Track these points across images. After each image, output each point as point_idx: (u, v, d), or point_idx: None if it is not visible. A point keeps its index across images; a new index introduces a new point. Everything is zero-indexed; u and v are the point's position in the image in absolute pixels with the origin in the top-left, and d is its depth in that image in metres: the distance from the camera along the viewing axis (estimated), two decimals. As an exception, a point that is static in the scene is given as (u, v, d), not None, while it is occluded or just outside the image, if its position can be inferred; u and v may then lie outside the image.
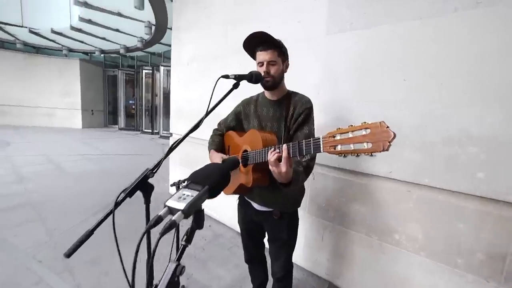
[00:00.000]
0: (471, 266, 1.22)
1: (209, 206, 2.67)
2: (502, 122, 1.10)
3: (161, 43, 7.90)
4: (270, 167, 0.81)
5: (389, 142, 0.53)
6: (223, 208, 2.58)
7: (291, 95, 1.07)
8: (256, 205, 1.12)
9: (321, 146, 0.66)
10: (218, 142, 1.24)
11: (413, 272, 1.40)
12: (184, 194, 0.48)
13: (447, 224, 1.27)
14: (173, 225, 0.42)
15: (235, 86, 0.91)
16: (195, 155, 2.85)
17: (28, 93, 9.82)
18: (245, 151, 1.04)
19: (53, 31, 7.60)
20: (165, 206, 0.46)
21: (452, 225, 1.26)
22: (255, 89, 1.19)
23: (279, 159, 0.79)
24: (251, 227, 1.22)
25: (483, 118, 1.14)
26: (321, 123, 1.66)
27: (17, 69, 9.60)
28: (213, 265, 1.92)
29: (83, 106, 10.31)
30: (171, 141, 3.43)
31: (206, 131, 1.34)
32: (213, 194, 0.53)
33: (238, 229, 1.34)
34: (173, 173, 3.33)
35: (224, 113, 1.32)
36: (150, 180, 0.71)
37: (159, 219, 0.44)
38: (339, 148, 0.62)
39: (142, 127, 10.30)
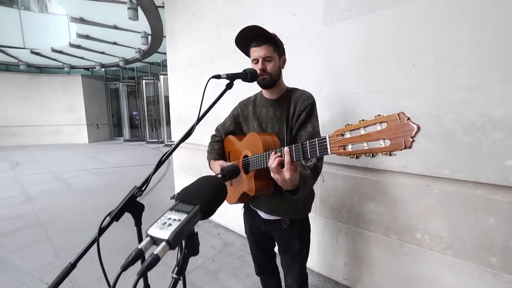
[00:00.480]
0: (507, 264, 1.10)
1: (217, 213, 2.59)
2: (530, 102, 0.98)
3: (159, 52, 7.94)
4: (272, 174, 0.72)
5: (412, 137, 0.43)
6: (232, 214, 2.50)
7: (291, 92, 0.98)
8: (262, 214, 1.03)
9: (328, 147, 0.57)
10: (218, 149, 1.16)
11: (439, 274, 1.28)
12: (170, 219, 0.40)
13: (475, 220, 1.16)
14: (155, 261, 0.34)
15: (229, 86, 0.83)
16: (199, 162, 2.79)
17: (34, 112, 10.03)
18: (246, 156, 0.95)
19: (53, 50, 7.75)
20: (146, 235, 0.38)
21: (481, 220, 1.14)
22: (254, 89, 1.10)
23: (281, 165, 0.70)
24: (259, 238, 1.13)
25: (507, 99, 1.02)
26: (326, 120, 1.56)
27: (22, 90, 9.83)
28: (224, 276, 1.84)
29: (88, 121, 10.46)
30: (174, 149, 3.38)
31: (209, 136, 1.27)
32: (206, 213, 0.45)
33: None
34: (178, 183, 3.27)
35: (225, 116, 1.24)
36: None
37: (138, 254, 0.35)
38: (349, 148, 0.53)
39: (146, 137, 10.37)
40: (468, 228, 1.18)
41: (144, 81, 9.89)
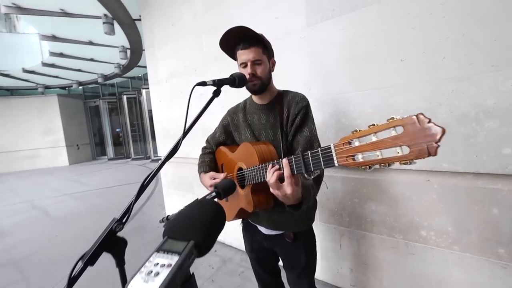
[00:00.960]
0: (515, 254, 1.07)
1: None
2: (520, 88, 0.98)
3: (139, 66, 7.75)
4: (271, 190, 0.65)
5: (436, 142, 0.38)
6: (228, 228, 2.35)
7: (282, 95, 0.92)
8: (263, 229, 0.95)
9: (335, 157, 0.50)
10: (209, 161, 1.07)
11: (448, 270, 1.24)
12: (158, 264, 0.31)
13: (479, 211, 1.13)
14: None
15: (216, 93, 0.75)
16: (189, 176, 2.65)
17: (7, 138, 9.38)
18: (240, 169, 0.87)
19: (24, 71, 7.34)
20: (127, 291, 0.29)
21: (485, 211, 1.12)
22: (242, 95, 1.03)
23: (280, 179, 0.63)
24: (261, 255, 1.04)
25: (498, 87, 1.02)
26: (318, 122, 1.51)
27: (-8, 115, 9.20)
28: (225, 297, 1.71)
29: (67, 142, 9.91)
30: (162, 164, 3.22)
31: (198, 148, 1.18)
32: (203, 249, 0.36)
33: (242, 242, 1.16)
34: (168, 200, 3.10)
35: (214, 127, 1.16)
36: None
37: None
38: (360, 158, 0.46)
39: (131, 154, 9.97)
40: (473, 221, 1.15)
41: (125, 97, 9.58)
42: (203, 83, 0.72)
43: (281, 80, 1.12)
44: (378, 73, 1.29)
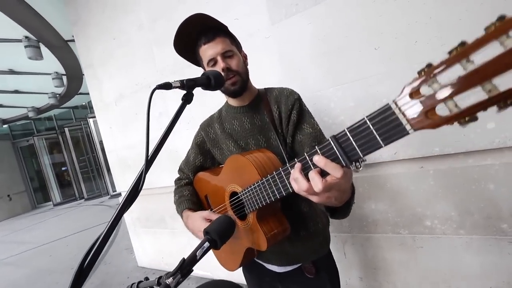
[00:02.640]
0: (517, 226, 1.07)
1: (198, 264, 2.10)
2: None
3: (82, 93, 6.84)
4: (320, 196, 0.43)
5: None
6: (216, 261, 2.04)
7: (265, 93, 0.76)
8: (275, 267, 0.73)
9: (403, 121, 0.30)
10: (189, 195, 0.82)
11: (460, 256, 1.19)
12: None
13: (476, 190, 1.11)
14: None
15: (187, 98, 0.54)
16: (158, 209, 2.26)
17: None
18: (234, 194, 0.66)
19: None
20: None
21: (482, 189, 1.10)
22: (208, 109, 0.83)
23: (322, 174, 0.41)
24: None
25: (473, 63, 1.02)
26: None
27: None
28: None
29: (-7, 194, 8.10)
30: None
31: (165, 175, 0.91)
32: None
33: (243, 279, 0.91)
34: (136, 241, 2.61)
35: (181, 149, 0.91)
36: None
37: None
38: (452, 108, 0.27)
39: (84, 193, 8.62)
40: (473, 201, 1.12)
41: (68, 129, 8.35)
42: (167, 85, 0.50)
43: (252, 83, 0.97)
44: (355, 64, 1.23)
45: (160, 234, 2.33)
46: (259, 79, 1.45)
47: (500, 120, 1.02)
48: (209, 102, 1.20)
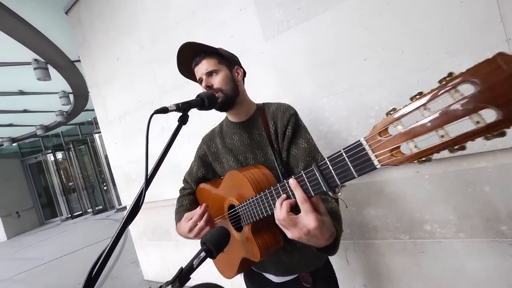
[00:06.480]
0: (516, 228, 1.07)
1: (194, 276, 2.11)
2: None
3: (87, 110, 7.04)
4: (289, 234, 0.47)
5: None
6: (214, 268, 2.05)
7: (263, 108, 0.80)
8: (273, 277, 0.75)
9: (372, 156, 0.34)
10: (188, 205, 0.86)
11: (462, 260, 1.19)
12: None
13: (472, 193, 1.12)
14: None
15: (183, 120, 0.59)
16: (164, 222, 2.29)
17: None
18: (232, 206, 0.69)
19: None
20: None
21: (478, 191, 1.11)
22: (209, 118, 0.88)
23: (292, 210, 0.47)
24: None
25: (457, 70, 1.06)
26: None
27: None
28: None
29: (2, 212, 8.23)
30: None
31: (168, 187, 0.95)
32: None
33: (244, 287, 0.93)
34: (142, 255, 2.63)
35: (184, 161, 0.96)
36: None
37: None
38: (412, 148, 0.31)
39: (91, 208, 8.70)
40: (470, 204, 1.13)
41: (74, 145, 8.54)
42: (164, 110, 0.55)
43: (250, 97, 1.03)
44: (346, 75, 1.28)
45: (166, 246, 2.35)
46: (256, 92, 1.51)
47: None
48: (208, 116, 1.25)
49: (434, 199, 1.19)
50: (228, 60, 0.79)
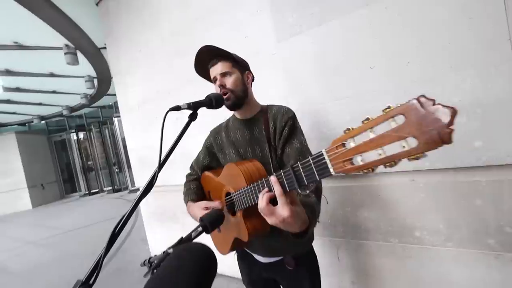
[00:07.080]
0: (504, 243, 1.10)
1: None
2: (478, 84, 1.06)
3: (109, 95, 7.42)
4: (267, 220, 0.57)
5: (448, 126, 0.32)
6: (219, 255, 2.20)
7: (266, 109, 0.89)
8: (260, 258, 0.86)
9: (329, 165, 0.44)
10: (195, 188, 0.98)
11: (447, 268, 1.23)
12: None
13: (464, 205, 1.16)
14: None
15: (192, 117, 0.70)
16: (172, 206, 2.47)
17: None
18: (228, 194, 0.80)
19: (-26, 110, 6.65)
20: None
21: (469, 204, 1.15)
22: (220, 116, 0.99)
23: (272, 201, 0.57)
24: (261, 287, 0.94)
25: (459, 86, 1.09)
26: (300, 134, 1.51)
27: None
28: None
29: (29, 183, 8.93)
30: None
31: (178, 174, 1.09)
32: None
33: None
34: (151, 234, 2.85)
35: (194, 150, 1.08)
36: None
37: None
38: (359, 161, 0.40)
39: (107, 187, 9.26)
40: (460, 215, 1.17)
41: (96, 127, 9.05)
42: (176, 108, 0.66)
43: (258, 98, 1.11)
44: (352, 82, 1.33)
45: (172, 228, 2.54)
46: (265, 92, 1.60)
47: (487, 139, 1.07)
48: (219, 112, 1.36)
49: (426, 207, 1.24)
50: (241, 65, 0.88)
